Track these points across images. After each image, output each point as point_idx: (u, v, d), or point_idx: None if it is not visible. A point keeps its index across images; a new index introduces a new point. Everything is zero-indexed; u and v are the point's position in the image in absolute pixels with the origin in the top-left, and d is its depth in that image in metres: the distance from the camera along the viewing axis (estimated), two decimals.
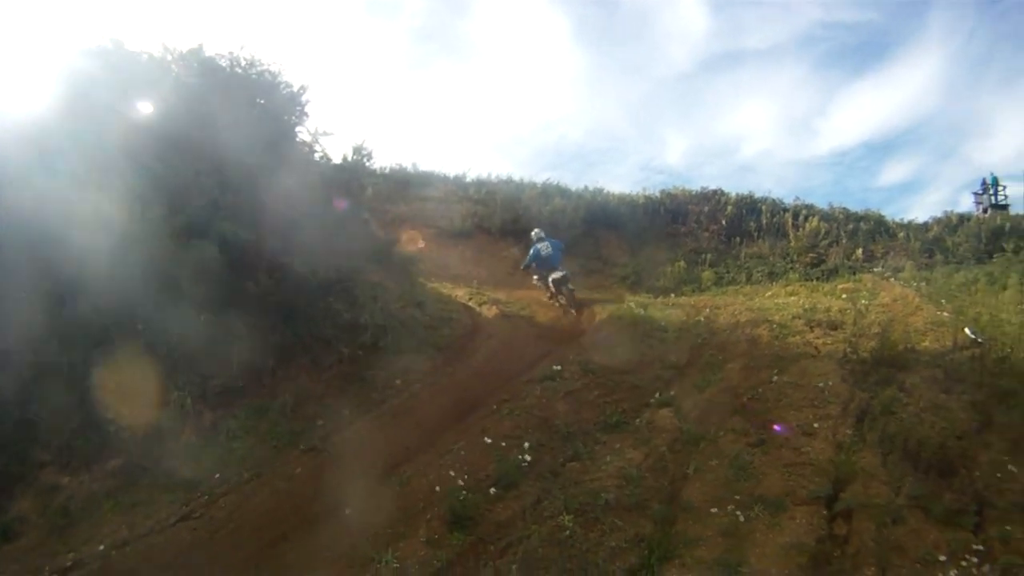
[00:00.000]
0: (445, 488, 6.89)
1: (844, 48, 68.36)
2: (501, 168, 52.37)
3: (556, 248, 14.00)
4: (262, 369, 8.52)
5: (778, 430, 7.71)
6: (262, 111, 10.12)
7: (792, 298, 13.42)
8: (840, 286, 14.19)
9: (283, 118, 10.58)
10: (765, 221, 19.13)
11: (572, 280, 13.80)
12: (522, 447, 7.74)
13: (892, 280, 14.26)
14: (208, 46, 9.81)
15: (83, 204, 7.72)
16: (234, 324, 8.36)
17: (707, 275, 16.42)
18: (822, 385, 8.82)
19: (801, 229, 18.30)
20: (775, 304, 12.89)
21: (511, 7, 65.67)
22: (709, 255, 17.82)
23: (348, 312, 9.64)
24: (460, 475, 7.16)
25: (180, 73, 9.52)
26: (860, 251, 16.91)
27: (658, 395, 9.04)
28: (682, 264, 17.00)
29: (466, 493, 6.77)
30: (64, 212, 7.56)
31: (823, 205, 20.26)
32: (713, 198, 20.34)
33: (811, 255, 17.20)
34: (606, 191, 20.92)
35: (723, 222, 19.37)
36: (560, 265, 13.78)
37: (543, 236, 14.21)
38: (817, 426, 7.90)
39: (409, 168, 20.79)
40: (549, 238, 14.21)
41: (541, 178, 21.47)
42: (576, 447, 7.80)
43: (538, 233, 14.34)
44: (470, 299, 13.43)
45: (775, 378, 9.22)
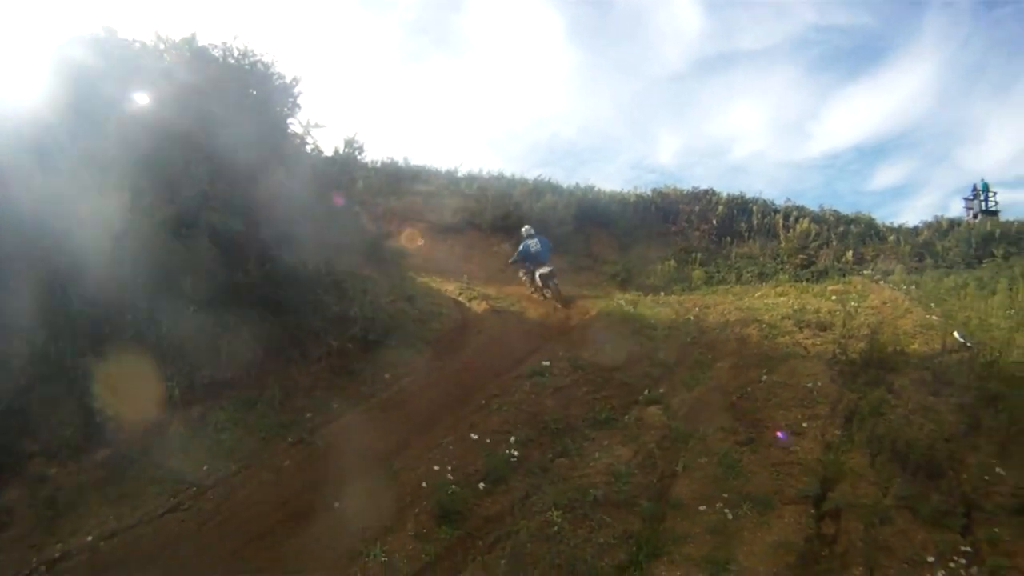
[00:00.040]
0: (433, 482, 6.89)
1: (838, 52, 68.49)
2: (493, 164, 52.05)
3: (544, 245, 14.27)
4: (251, 361, 8.45)
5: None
6: (254, 102, 10.05)
7: (782, 299, 13.49)
8: (830, 288, 14.28)
9: (275, 109, 10.51)
10: (756, 222, 19.23)
11: (559, 276, 14.07)
12: (511, 442, 7.75)
13: (882, 283, 14.38)
14: (201, 36, 9.76)
15: (73, 193, 7.67)
16: (223, 316, 8.32)
17: (697, 274, 16.49)
18: (811, 385, 8.88)
19: (792, 230, 18.41)
20: (765, 304, 12.96)
21: (505, 3, 65.58)
22: (699, 254, 17.91)
23: (338, 305, 9.63)
24: (449, 470, 7.16)
25: (172, 62, 9.43)
26: (850, 253, 17.00)
27: (647, 392, 9.05)
28: (672, 263, 17.07)
29: (455, 488, 6.78)
30: (54, 201, 7.52)
31: (814, 207, 20.37)
32: (704, 198, 20.43)
33: (801, 256, 17.30)
34: (597, 188, 20.96)
35: (714, 222, 19.47)
36: (548, 261, 14.06)
37: (533, 233, 14.49)
38: (806, 426, 7.95)
39: (401, 162, 20.87)
40: (538, 235, 14.46)
41: (533, 174, 21.60)
42: (565, 443, 7.80)
43: (528, 230, 14.63)
44: (460, 294, 13.40)
45: (764, 377, 9.28)
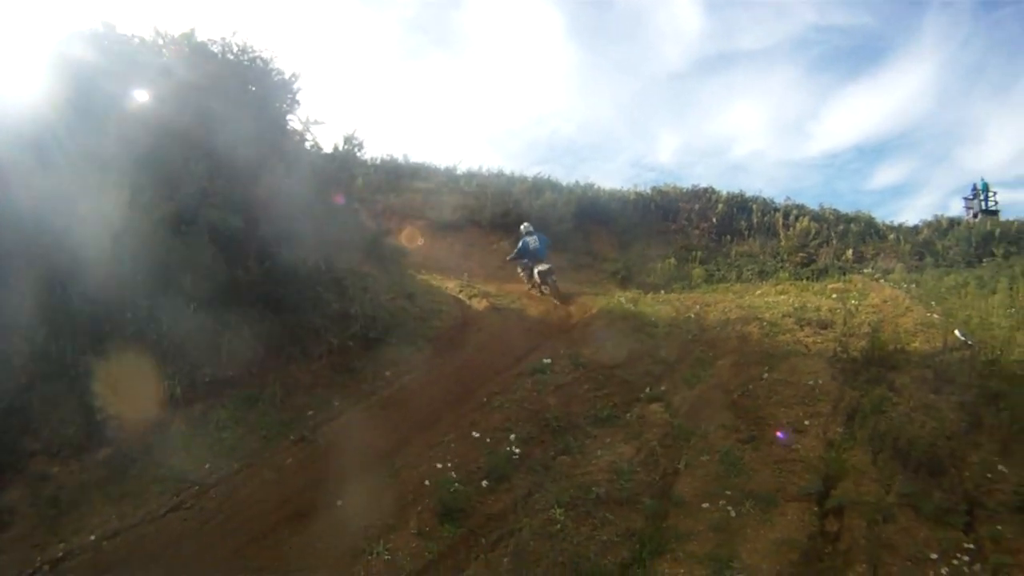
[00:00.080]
0: (436, 480, 6.88)
1: (838, 52, 68.62)
2: (492, 161, 52.25)
3: (543, 242, 14.42)
4: (252, 359, 8.43)
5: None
6: (253, 98, 9.99)
7: (782, 297, 13.47)
8: (830, 286, 14.27)
9: (275, 106, 10.45)
10: (756, 220, 19.25)
11: (557, 273, 14.16)
12: (512, 440, 7.74)
13: (882, 281, 14.37)
14: (200, 32, 9.69)
15: (72, 191, 7.62)
16: (224, 314, 8.29)
17: (697, 272, 16.51)
18: (812, 383, 8.87)
19: (792, 229, 18.41)
20: (765, 302, 12.95)
21: (505, 1, 65.54)
22: (700, 252, 17.93)
23: (338, 303, 9.60)
24: (451, 467, 7.15)
25: (171, 58, 9.37)
26: (850, 252, 17.01)
27: (649, 390, 9.04)
28: (672, 261, 17.09)
29: (457, 485, 6.76)
30: (53, 199, 7.46)
31: (814, 206, 20.39)
32: (704, 196, 20.44)
33: (801, 255, 17.31)
34: (597, 186, 21.01)
35: (714, 220, 19.49)
36: (546, 258, 14.20)
37: (531, 230, 14.62)
38: (808, 423, 7.94)
39: (400, 159, 20.88)
40: (537, 232, 14.58)
41: (532, 172, 21.57)
42: (567, 441, 7.80)
43: (527, 227, 14.76)
44: (460, 291, 13.40)
45: (765, 375, 9.27)
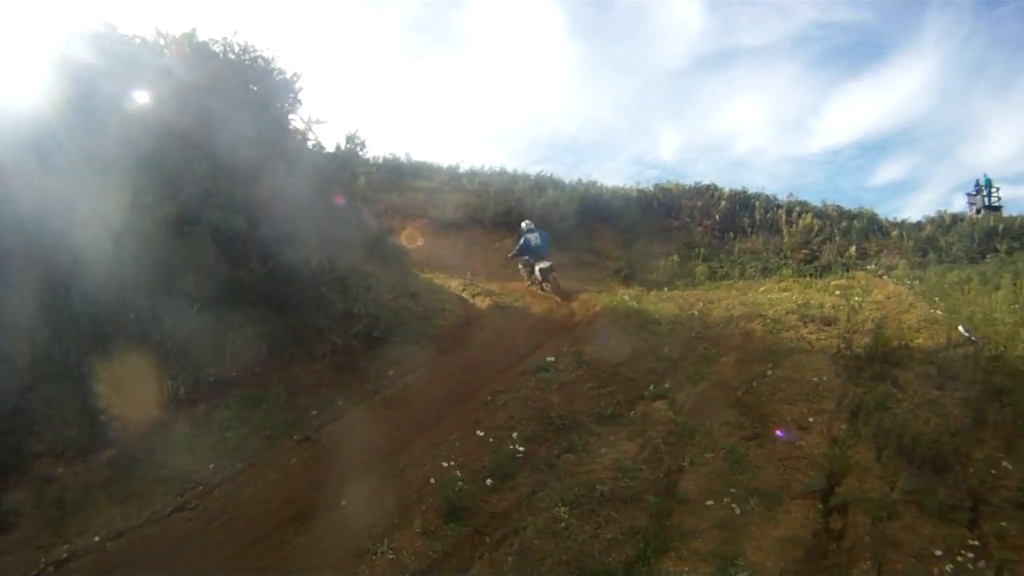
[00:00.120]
0: (440, 479, 6.87)
1: (839, 48, 68.11)
2: (495, 159, 52.27)
3: (544, 239, 14.46)
4: (255, 359, 8.43)
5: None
6: (255, 98, 9.99)
7: (785, 294, 13.43)
8: (833, 283, 14.22)
9: (276, 106, 10.45)
10: (758, 217, 19.23)
11: (558, 270, 14.22)
12: (516, 438, 7.73)
13: (885, 278, 14.32)
14: (201, 31, 9.69)
15: (74, 192, 7.63)
16: (227, 314, 8.30)
17: (700, 269, 16.50)
18: (816, 380, 8.85)
19: (795, 225, 18.41)
20: (768, 299, 12.91)
21: (505, 0, 65.40)
22: (702, 249, 17.93)
23: (341, 302, 9.60)
24: (455, 466, 7.14)
25: (173, 58, 9.37)
26: (853, 248, 16.99)
27: (652, 388, 9.03)
28: (675, 258, 17.07)
29: (461, 484, 6.75)
30: (55, 200, 7.48)
31: (816, 202, 20.34)
32: (706, 193, 20.45)
33: (804, 251, 17.31)
34: (599, 184, 21.02)
35: (716, 217, 19.48)
36: (547, 256, 14.25)
37: (533, 227, 14.67)
38: (812, 420, 7.94)
39: (402, 158, 20.88)
40: (538, 229, 14.64)
41: (534, 170, 21.55)
42: (571, 439, 7.79)
43: (528, 224, 14.81)
44: (463, 290, 13.39)
45: (769, 372, 9.25)
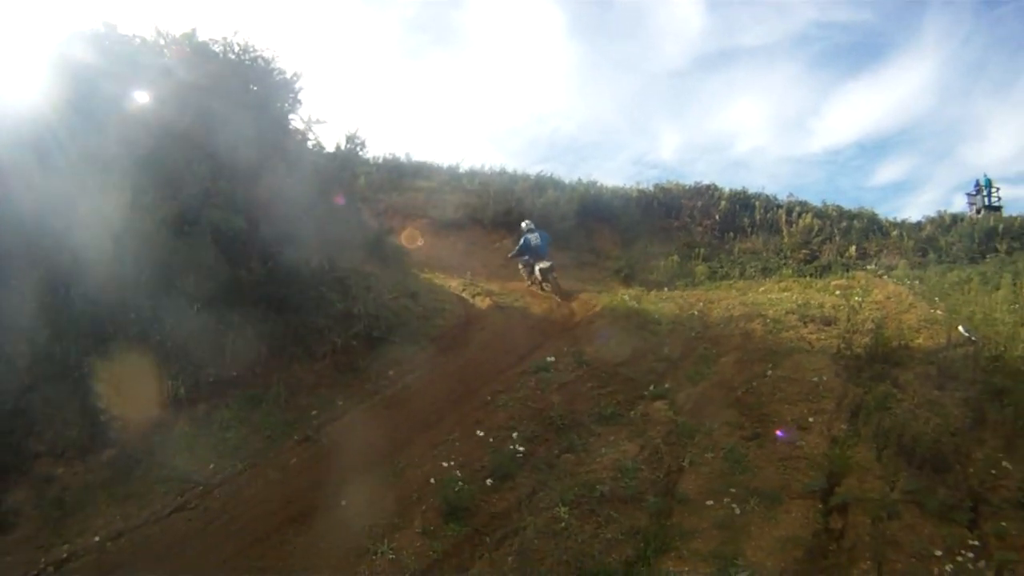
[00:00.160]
0: (440, 479, 6.86)
1: (839, 48, 68.12)
2: (495, 159, 52.43)
3: (544, 239, 14.51)
4: (255, 359, 8.44)
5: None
6: (255, 98, 9.99)
7: (785, 294, 13.44)
8: (833, 283, 14.24)
9: (276, 105, 10.46)
10: (758, 217, 19.26)
11: (559, 270, 14.27)
12: (517, 438, 7.72)
13: (885, 278, 14.33)
14: (201, 31, 9.70)
15: (74, 192, 7.63)
16: (227, 314, 8.30)
17: (700, 269, 16.51)
18: (816, 380, 8.84)
19: (795, 225, 18.44)
20: (768, 299, 12.92)
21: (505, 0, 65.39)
22: (702, 249, 17.95)
23: (341, 302, 9.61)
24: (455, 466, 7.14)
25: (173, 58, 9.37)
26: (853, 248, 17.02)
27: (652, 387, 9.03)
28: (675, 258, 17.08)
29: (461, 484, 6.74)
30: (55, 200, 7.48)
31: (816, 202, 20.38)
32: (706, 193, 20.48)
33: (804, 251, 17.34)
34: (599, 184, 21.08)
35: (716, 217, 19.51)
36: (547, 255, 14.31)
37: (532, 227, 14.73)
38: (812, 420, 7.92)
39: (402, 158, 20.95)
40: (538, 229, 14.69)
41: (534, 170, 21.56)
42: (571, 439, 7.78)
43: (528, 224, 14.87)
44: (463, 290, 13.39)
45: (769, 372, 9.24)
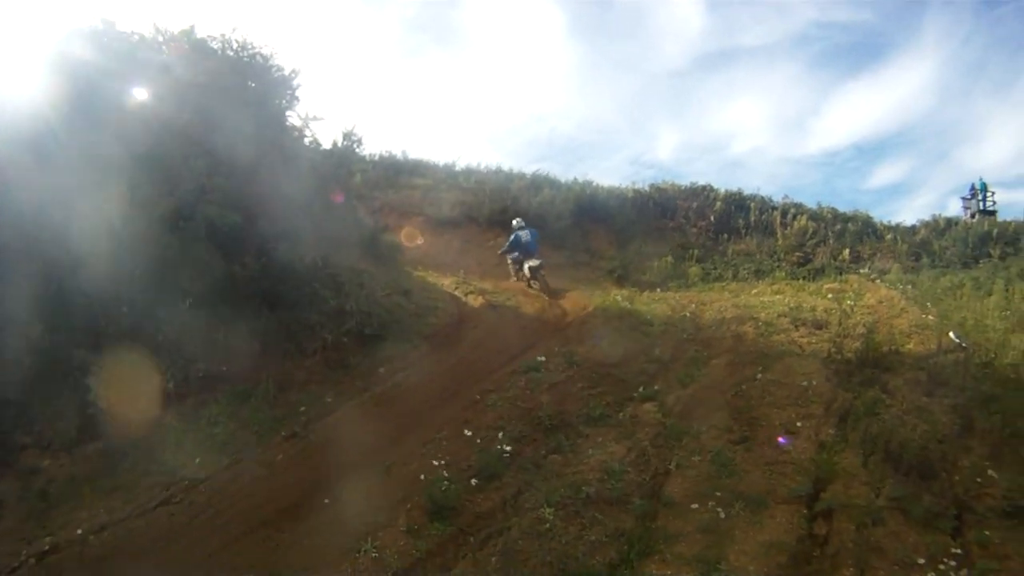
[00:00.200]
0: (427, 478, 6.87)
1: (838, 48, 68.23)
2: (491, 158, 52.48)
3: (534, 237, 14.77)
4: (246, 355, 8.43)
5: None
6: (253, 95, 10.01)
7: (778, 296, 13.47)
8: (826, 286, 14.29)
9: (274, 102, 10.47)
10: (753, 218, 19.25)
11: (547, 268, 14.52)
12: (504, 438, 7.73)
13: (878, 282, 14.38)
14: (200, 28, 9.70)
15: (71, 187, 7.61)
16: (220, 309, 8.29)
17: (694, 271, 16.50)
18: (806, 384, 8.85)
19: (789, 228, 18.42)
20: (761, 302, 12.95)
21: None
22: (697, 251, 17.93)
23: (334, 299, 9.60)
24: (442, 465, 7.14)
25: (171, 55, 9.37)
26: (847, 252, 17.03)
27: (642, 389, 9.04)
28: (669, 259, 17.06)
29: (447, 483, 6.74)
30: (51, 195, 7.46)
31: (812, 204, 20.39)
32: (702, 194, 20.45)
33: (798, 254, 17.34)
34: (595, 184, 21.00)
35: (711, 218, 19.50)
36: (537, 253, 14.55)
37: (523, 225, 15.01)
38: (800, 425, 7.91)
39: (399, 156, 20.90)
40: (528, 227, 14.95)
41: (531, 169, 21.53)
42: (559, 440, 7.78)
43: (519, 222, 15.16)
44: (456, 288, 13.38)
45: (759, 376, 9.25)
